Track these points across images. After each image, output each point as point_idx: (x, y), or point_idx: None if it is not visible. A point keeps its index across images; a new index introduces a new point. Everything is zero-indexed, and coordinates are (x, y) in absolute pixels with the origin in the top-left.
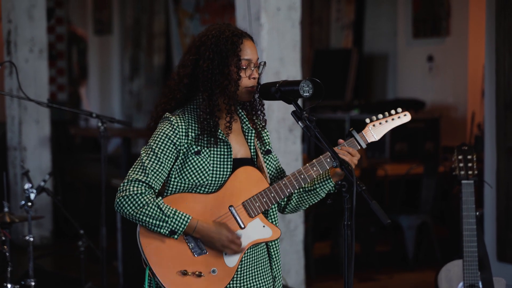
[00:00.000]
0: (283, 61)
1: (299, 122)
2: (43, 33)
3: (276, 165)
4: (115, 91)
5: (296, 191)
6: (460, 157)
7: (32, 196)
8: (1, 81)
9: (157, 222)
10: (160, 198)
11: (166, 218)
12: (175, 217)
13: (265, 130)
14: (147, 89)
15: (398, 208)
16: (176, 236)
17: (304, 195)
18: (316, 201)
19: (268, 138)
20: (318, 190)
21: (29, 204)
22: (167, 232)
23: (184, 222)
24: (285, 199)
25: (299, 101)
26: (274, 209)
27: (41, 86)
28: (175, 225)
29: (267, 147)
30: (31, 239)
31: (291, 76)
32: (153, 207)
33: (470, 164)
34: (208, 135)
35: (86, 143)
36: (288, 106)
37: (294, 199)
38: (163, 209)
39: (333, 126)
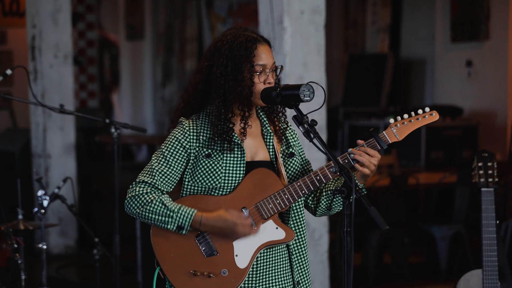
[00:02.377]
0: (307, 66)
1: (299, 127)
2: (68, 38)
3: (303, 168)
4: (147, 98)
5: (324, 193)
6: (480, 164)
7: (45, 203)
8: (25, 87)
9: (163, 218)
10: (166, 195)
11: (171, 213)
12: (180, 211)
13: (289, 131)
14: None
15: (431, 218)
16: (184, 232)
17: (332, 196)
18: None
19: (294, 140)
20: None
21: (42, 211)
22: (174, 227)
23: (189, 217)
24: (315, 202)
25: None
26: (297, 212)
27: (66, 92)
28: (180, 220)
29: (291, 149)
30: (44, 247)
31: (316, 81)
32: (157, 203)
33: (490, 172)
34: (222, 140)
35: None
36: (313, 113)
37: (323, 201)
38: (167, 205)
39: (367, 134)
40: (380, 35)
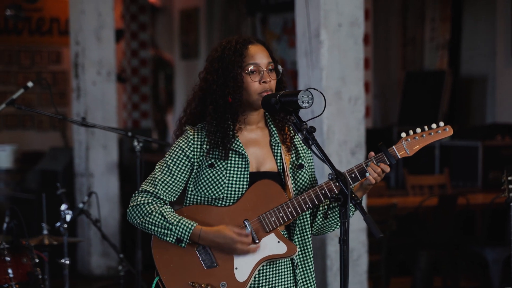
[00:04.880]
0: (345, 80)
1: (298, 134)
2: (111, 54)
3: (311, 181)
4: None
5: (321, 207)
6: (510, 178)
7: (68, 217)
8: (69, 105)
9: (162, 230)
10: (167, 206)
11: (170, 226)
12: (179, 224)
13: (297, 138)
14: None
15: (483, 240)
16: (183, 244)
17: (329, 212)
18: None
19: (304, 151)
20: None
21: (65, 225)
22: (173, 240)
23: (188, 230)
24: (312, 217)
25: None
26: (303, 225)
27: (109, 109)
28: (179, 233)
29: (300, 161)
30: (67, 262)
31: (354, 97)
32: (157, 215)
33: None
34: (219, 149)
35: None
36: (350, 128)
37: (319, 217)
38: (166, 217)
39: (422, 153)
40: (439, 51)
